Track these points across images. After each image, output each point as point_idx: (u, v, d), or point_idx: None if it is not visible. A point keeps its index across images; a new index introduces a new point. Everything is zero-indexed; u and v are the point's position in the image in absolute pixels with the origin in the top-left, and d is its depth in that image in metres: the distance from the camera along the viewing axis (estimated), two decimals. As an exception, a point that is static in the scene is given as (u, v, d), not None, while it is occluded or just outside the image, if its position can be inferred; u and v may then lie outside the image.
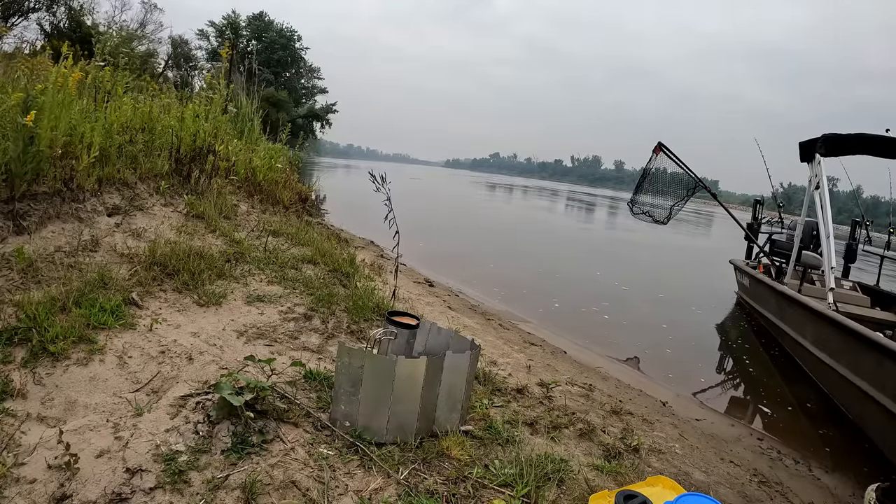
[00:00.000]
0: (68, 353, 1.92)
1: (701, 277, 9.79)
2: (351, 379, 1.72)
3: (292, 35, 43.57)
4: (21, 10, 18.49)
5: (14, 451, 1.43)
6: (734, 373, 4.74)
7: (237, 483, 1.45)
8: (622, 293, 7.45)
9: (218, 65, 5.04)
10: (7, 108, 2.61)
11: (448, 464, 1.72)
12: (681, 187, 3.91)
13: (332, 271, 3.62)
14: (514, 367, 2.99)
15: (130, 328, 2.22)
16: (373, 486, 1.54)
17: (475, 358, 1.96)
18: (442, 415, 1.86)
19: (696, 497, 1.32)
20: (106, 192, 3.25)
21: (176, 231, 3.30)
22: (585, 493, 1.72)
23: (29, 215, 2.69)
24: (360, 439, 1.71)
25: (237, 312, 2.66)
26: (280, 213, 4.87)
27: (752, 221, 6.96)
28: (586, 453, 2.04)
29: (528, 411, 2.30)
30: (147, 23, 23.28)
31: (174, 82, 11.85)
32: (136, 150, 3.66)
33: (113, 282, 2.47)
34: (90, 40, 4.70)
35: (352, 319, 2.88)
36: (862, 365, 3.19)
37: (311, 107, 41.74)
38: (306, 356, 2.35)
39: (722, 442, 2.71)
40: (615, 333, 5.25)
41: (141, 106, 4.10)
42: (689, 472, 2.12)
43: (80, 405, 1.70)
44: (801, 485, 2.32)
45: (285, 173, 5.82)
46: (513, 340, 3.86)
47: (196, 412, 1.72)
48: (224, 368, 2.06)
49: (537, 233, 15.04)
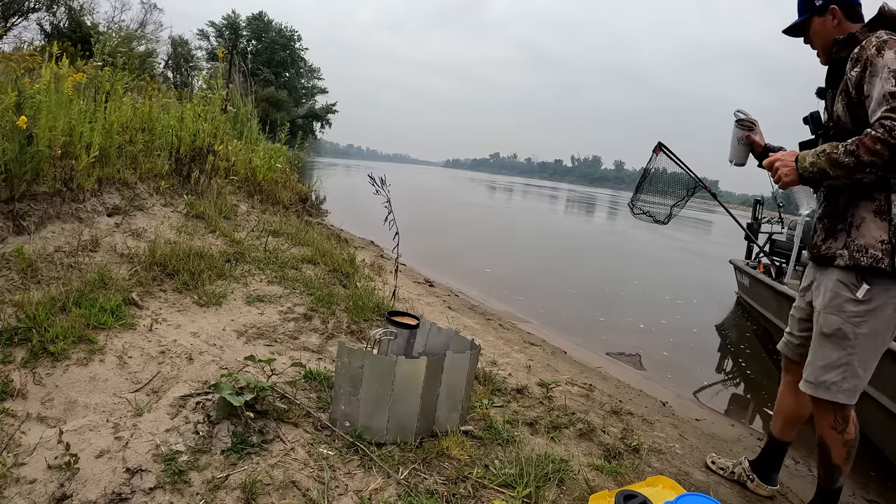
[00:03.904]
0: (68, 353, 1.92)
1: (701, 277, 9.79)
2: (351, 379, 1.72)
3: (292, 35, 43.60)
4: (21, 10, 18.49)
5: (14, 451, 1.43)
6: (734, 373, 4.74)
7: (237, 483, 1.45)
8: (622, 293, 7.45)
9: (216, 64, 5.05)
10: (5, 107, 2.61)
11: (448, 464, 1.72)
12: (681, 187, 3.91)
13: (332, 271, 3.62)
14: (514, 367, 2.99)
15: (130, 328, 2.22)
16: (373, 486, 1.54)
17: (475, 358, 1.96)
18: (442, 415, 1.86)
19: (696, 497, 1.32)
20: (106, 192, 3.25)
21: (176, 231, 3.30)
22: (585, 493, 1.72)
23: (29, 215, 2.69)
24: (360, 439, 1.71)
25: (237, 312, 2.66)
26: (280, 214, 4.87)
27: (752, 221, 6.96)
28: (586, 453, 2.04)
29: (528, 411, 2.30)
30: (147, 23, 23.29)
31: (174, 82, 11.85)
32: (135, 150, 3.66)
33: (113, 282, 2.47)
34: (90, 40, 4.70)
35: (352, 319, 2.88)
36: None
37: (311, 107, 41.74)
38: (306, 356, 2.35)
39: (722, 442, 2.71)
40: (615, 333, 5.25)
41: (141, 106, 4.10)
42: (689, 472, 2.12)
43: (80, 405, 1.70)
44: (801, 485, 2.32)
45: (285, 173, 5.82)
46: (513, 340, 3.86)
47: (196, 412, 1.72)
48: (224, 368, 2.06)
49: (538, 233, 15.05)
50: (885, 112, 1.45)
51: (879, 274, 1.57)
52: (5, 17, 17.84)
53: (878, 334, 1.62)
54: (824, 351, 1.68)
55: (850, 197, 1.65)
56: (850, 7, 1.71)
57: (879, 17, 1.66)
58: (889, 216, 1.57)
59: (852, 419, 1.72)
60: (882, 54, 1.52)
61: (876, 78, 1.52)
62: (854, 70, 1.59)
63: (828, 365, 1.67)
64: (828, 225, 1.72)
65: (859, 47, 1.61)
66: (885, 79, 1.48)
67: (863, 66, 1.57)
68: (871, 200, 1.60)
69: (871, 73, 1.54)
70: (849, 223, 1.64)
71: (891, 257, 1.56)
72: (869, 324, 1.61)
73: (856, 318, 1.61)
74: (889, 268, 1.56)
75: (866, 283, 1.59)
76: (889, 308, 1.59)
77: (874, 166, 1.47)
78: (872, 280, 1.59)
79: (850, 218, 1.64)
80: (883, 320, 1.60)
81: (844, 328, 1.63)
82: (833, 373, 1.66)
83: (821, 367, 1.69)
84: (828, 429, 1.73)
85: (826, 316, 1.67)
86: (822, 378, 1.68)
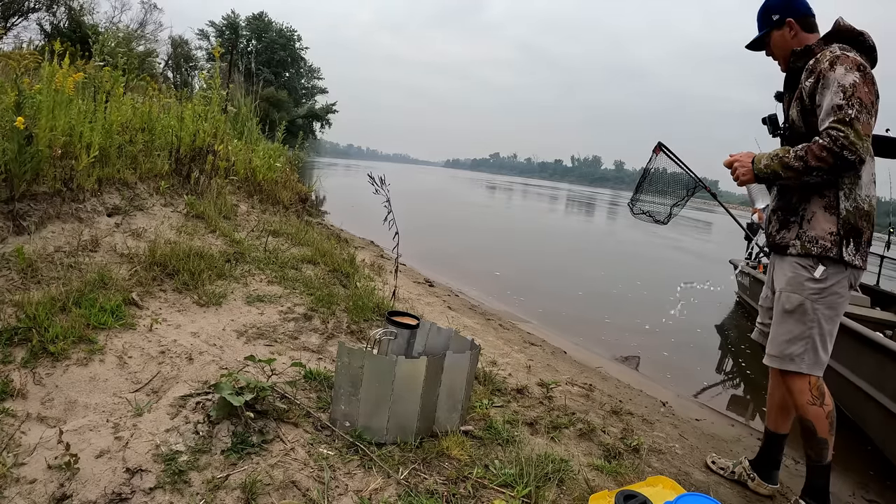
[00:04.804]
0: (68, 353, 1.92)
1: (701, 277, 9.79)
2: (351, 379, 1.72)
3: (292, 35, 43.60)
4: (21, 10, 18.48)
5: (14, 451, 1.43)
6: (734, 373, 4.74)
7: (237, 483, 1.45)
8: (622, 293, 7.45)
9: (215, 64, 5.04)
10: (5, 107, 2.61)
11: (448, 464, 1.72)
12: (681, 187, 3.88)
13: (332, 271, 3.62)
14: (514, 367, 2.99)
15: (130, 328, 2.21)
16: (373, 486, 1.54)
17: (475, 358, 1.96)
18: (442, 415, 1.86)
19: (696, 497, 1.32)
20: (106, 193, 3.25)
21: (176, 231, 3.30)
22: (585, 493, 1.72)
23: (29, 215, 2.69)
24: (360, 439, 1.71)
25: (237, 312, 2.66)
26: (280, 214, 4.87)
27: (752, 221, 6.96)
28: (586, 453, 2.04)
29: (528, 411, 2.30)
30: (147, 23, 23.27)
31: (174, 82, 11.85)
32: (135, 150, 3.66)
33: (113, 282, 2.47)
34: (90, 41, 4.70)
35: (352, 319, 2.88)
36: (862, 365, 3.19)
37: (311, 107, 41.71)
38: (306, 356, 2.35)
39: (722, 442, 2.71)
40: (615, 333, 5.25)
41: (140, 106, 4.10)
42: (689, 472, 2.12)
43: (80, 405, 1.70)
44: (801, 485, 2.31)
45: (285, 173, 5.82)
46: (513, 340, 3.86)
47: (196, 412, 1.72)
48: (224, 368, 2.06)
49: (538, 233, 15.05)
50: (832, 123, 1.62)
51: (829, 261, 1.76)
52: (5, 17, 17.84)
53: (833, 311, 1.80)
54: (787, 326, 1.84)
55: (802, 193, 1.82)
56: (805, 19, 1.88)
57: (835, 32, 1.82)
58: (837, 211, 1.75)
59: (826, 391, 1.84)
60: (834, 69, 1.68)
61: (827, 90, 1.68)
62: (808, 80, 1.76)
63: (791, 339, 1.83)
64: (781, 217, 1.90)
65: (814, 59, 1.77)
66: (834, 92, 1.65)
67: (816, 77, 1.73)
68: (822, 197, 1.78)
69: (824, 85, 1.70)
70: (800, 216, 1.83)
71: (839, 247, 1.75)
72: (826, 300, 1.78)
73: (814, 294, 1.79)
74: (837, 256, 1.74)
75: (822, 265, 1.77)
76: (840, 288, 1.78)
77: (820, 171, 1.65)
78: (828, 264, 1.77)
79: (801, 212, 1.82)
80: (836, 299, 1.79)
81: (805, 304, 1.80)
82: (797, 345, 1.82)
83: (784, 340, 1.84)
84: (807, 406, 1.83)
85: (788, 294, 1.84)
86: (788, 351, 1.83)
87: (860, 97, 1.62)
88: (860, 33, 1.82)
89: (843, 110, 1.61)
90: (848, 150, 1.59)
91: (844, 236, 1.75)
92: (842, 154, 1.59)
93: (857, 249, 1.76)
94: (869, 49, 1.81)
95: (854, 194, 1.75)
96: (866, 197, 1.78)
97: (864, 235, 1.78)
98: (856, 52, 1.76)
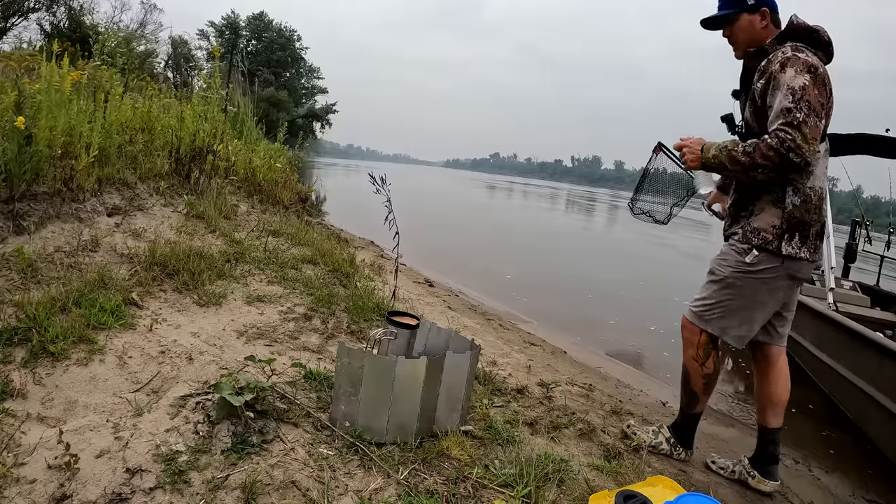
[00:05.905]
0: (68, 353, 1.92)
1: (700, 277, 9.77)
2: (351, 379, 1.72)
3: (292, 35, 43.62)
4: (21, 10, 18.48)
5: (14, 451, 1.43)
6: (734, 373, 4.74)
7: (237, 483, 1.45)
8: (622, 293, 7.44)
9: (216, 64, 5.04)
10: (5, 107, 2.61)
11: (448, 464, 1.71)
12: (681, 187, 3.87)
13: (332, 271, 3.62)
14: (514, 367, 2.99)
15: (130, 328, 2.21)
16: (373, 487, 1.54)
17: (475, 358, 1.96)
18: (442, 415, 1.86)
19: (696, 497, 1.32)
20: (106, 193, 3.25)
21: (176, 231, 3.30)
22: (585, 493, 1.72)
23: (29, 215, 2.69)
24: (360, 439, 1.71)
25: (237, 312, 2.66)
26: (280, 214, 4.87)
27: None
28: (586, 453, 2.04)
29: (528, 411, 2.30)
30: (147, 23, 23.28)
31: (174, 82, 11.85)
32: (135, 150, 3.66)
33: (113, 282, 2.47)
34: (90, 41, 4.70)
35: (352, 319, 2.88)
36: (862, 365, 3.19)
37: (311, 107, 41.74)
38: (306, 356, 2.35)
39: (722, 442, 2.71)
40: (615, 334, 5.25)
41: (140, 106, 4.10)
42: (689, 472, 2.12)
43: (80, 405, 1.70)
44: (801, 485, 2.32)
45: (285, 173, 5.82)
46: (513, 340, 3.86)
47: (196, 412, 1.72)
48: (224, 368, 2.06)
49: (538, 233, 15.05)
50: (780, 125, 1.65)
51: (766, 252, 1.83)
52: (5, 17, 17.85)
53: (754, 293, 1.88)
54: (709, 290, 1.99)
55: (755, 189, 1.88)
56: (776, 14, 1.89)
57: (788, 30, 1.82)
58: (783, 205, 1.81)
59: (713, 358, 2.01)
60: (784, 70, 1.70)
61: (778, 92, 1.70)
62: (760, 81, 1.78)
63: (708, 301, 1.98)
64: (733, 213, 1.99)
65: (766, 60, 1.79)
66: (784, 95, 1.68)
67: (767, 79, 1.75)
68: (770, 192, 1.84)
69: (774, 86, 1.72)
70: (750, 211, 1.90)
71: (779, 240, 1.81)
72: (749, 282, 1.87)
73: (738, 272, 1.89)
74: (776, 250, 1.81)
75: (757, 251, 1.84)
76: (770, 277, 1.85)
77: (766, 168, 1.69)
78: (762, 253, 1.84)
79: (751, 207, 1.89)
80: (760, 285, 1.87)
81: (728, 278, 1.91)
82: (714, 310, 1.96)
83: (701, 299, 2.01)
84: (690, 359, 2.04)
85: (716, 265, 1.98)
86: (702, 311, 1.99)
87: (809, 100, 1.65)
88: (815, 30, 1.81)
89: (791, 113, 1.63)
90: (794, 152, 1.62)
91: (787, 230, 1.80)
92: (788, 156, 1.63)
93: (802, 242, 1.81)
94: (825, 44, 1.82)
95: (803, 189, 1.80)
96: (819, 189, 1.83)
97: (813, 228, 1.83)
98: (809, 51, 1.76)
